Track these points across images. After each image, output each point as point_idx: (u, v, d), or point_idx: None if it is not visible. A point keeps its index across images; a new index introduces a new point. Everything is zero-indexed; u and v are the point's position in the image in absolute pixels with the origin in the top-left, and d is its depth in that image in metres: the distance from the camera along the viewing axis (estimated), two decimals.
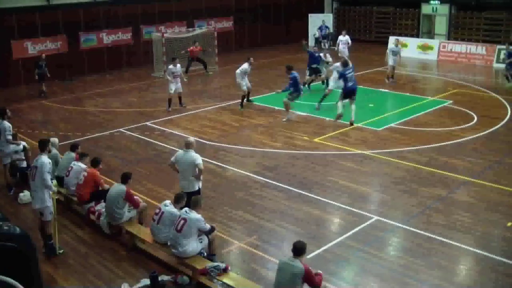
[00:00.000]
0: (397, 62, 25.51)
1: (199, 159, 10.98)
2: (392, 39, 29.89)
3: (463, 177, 13.99)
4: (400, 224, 11.54)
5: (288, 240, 9.91)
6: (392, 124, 18.66)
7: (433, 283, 9.41)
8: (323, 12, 40.05)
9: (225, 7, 35.23)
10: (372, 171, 14.84)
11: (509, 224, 11.42)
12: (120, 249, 10.92)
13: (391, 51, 25.38)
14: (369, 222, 11.65)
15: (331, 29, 37.83)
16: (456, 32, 34.32)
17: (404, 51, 32.43)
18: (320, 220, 11.98)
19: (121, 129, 18.88)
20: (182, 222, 9.43)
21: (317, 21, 37.81)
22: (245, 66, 21.60)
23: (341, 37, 29.03)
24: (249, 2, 36.51)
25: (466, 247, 10.57)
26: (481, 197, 12.85)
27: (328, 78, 22.61)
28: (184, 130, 18.46)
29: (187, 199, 10.73)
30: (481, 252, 10.36)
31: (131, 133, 18.48)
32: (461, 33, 33.96)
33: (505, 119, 18.98)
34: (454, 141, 16.76)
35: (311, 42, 37.89)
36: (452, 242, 10.69)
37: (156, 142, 17.44)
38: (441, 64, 30.93)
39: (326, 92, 20.93)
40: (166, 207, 10.11)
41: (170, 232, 9.78)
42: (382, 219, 11.76)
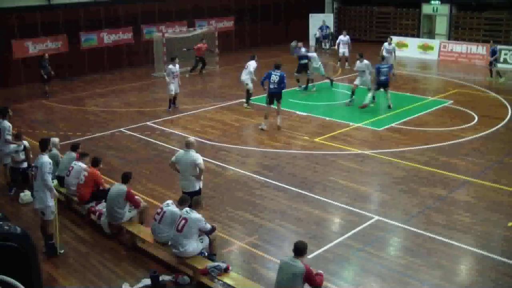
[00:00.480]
0: (391, 61, 25.59)
1: (200, 159, 10.98)
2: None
3: (463, 177, 13.99)
4: (401, 224, 11.55)
5: (289, 240, 9.93)
6: (393, 124, 18.67)
7: (434, 283, 9.42)
8: (324, 12, 40.05)
9: (226, 7, 35.23)
10: (373, 171, 14.85)
11: (510, 224, 11.43)
12: (121, 249, 10.92)
13: (385, 50, 25.79)
14: (370, 222, 11.65)
15: (332, 29, 37.82)
16: (457, 32, 34.33)
17: (405, 51, 32.57)
18: (321, 220, 11.99)
19: (122, 129, 18.88)
20: (183, 222, 9.43)
21: (318, 21, 37.79)
22: (255, 64, 21.69)
23: (342, 37, 29.10)
24: (250, 2, 36.51)
25: (466, 247, 10.58)
26: (481, 197, 12.86)
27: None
28: (185, 130, 18.46)
29: None
30: (481, 252, 10.37)
31: (132, 133, 18.49)
32: (462, 33, 33.98)
33: (506, 119, 18.99)
34: (455, 141, 16.77)
35: (312, 42, 37.91)
36: (452, 242, 10.70)
37: (157, 142, 17.45)
38: (442, 64, 30.93)
39: (353, 87, 21.66)
40: (168, 207, 10.12)
41: (171, 232, 9.79)
42: (383, 219, 11.76)
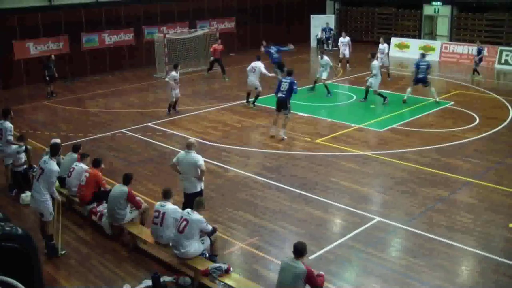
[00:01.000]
0: (386, 60, 26.57)
1: (201, 160, 10.97)
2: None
3: (465, 178, 13.98)
4: (402, 225, 11.54)
5: (290, 241, 9.90)
6: (394, 125, 18.66)
7: (435, 284, 9.40)
8: (325, 13, 40.08)
9: (227, 8, 35.24)
10: (374, 172, 14.84)
11: (511, 225, 11.41)
12: (122, 250, 10.92)
13: (379, 50, 26.52)
14: (371, 223, 11.64)
15: (334, 31, 37.86)
16: (458, 33, 34.34)
17: (406, 52, 32.63)
18: (322, 221, 11.98)
19: (123, 130, 18.89)
20: (184, 223, 9.42)
21: (319, 22, 37.84)
22: (262, 64, 21.75)
23: (342, 39, 29.27)
24: (251, 3, 36.54)
25: (468, 248, 10.57)
26: (483, 198, 12.85)
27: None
28: (186, 131, 18.46)
29: (189, 200, 10.75)
30: (483, 253, 10.36)
31: (133, 134, 18.49)
32: (463, 34, 33.97)
33: (507, 120, 18.99)
34: (456, 142, 16.75)
35: (313, 43, 37.93)
36: (454, 243, 10.69)
37: (158, 143, 17.45)
38: (443, 65, 30.91)
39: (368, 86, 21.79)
40: (165, 207, 10.08)
41: (172, 232, 9.79)
42: (384, 220, 11.75)
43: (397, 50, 33.63)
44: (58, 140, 13.78)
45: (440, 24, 35.78)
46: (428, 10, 35.83)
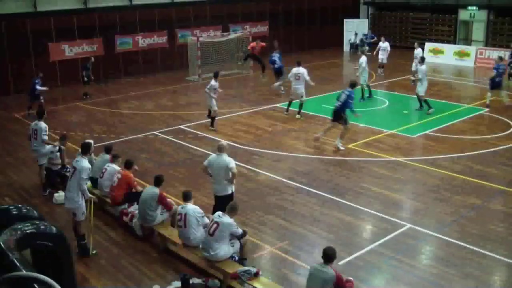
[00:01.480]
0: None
1: (233, 163, 10.99)
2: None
3: (499, 186, 13.77)
4: (433, 233, 11.40)
5: (320, 246, 9.86)
6: (427, 131, 18.47)
7: None
8: (358, 17, 39.88)
9: (260, 12, 35.32)
10: (406, 178, 14.70)
11: None
12: (152, 251, 11.00)
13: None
14: (402, 230, 11.53)
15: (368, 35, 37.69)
16: (494, 39, 33.84)
17: (440, 58, 32.25)
18: (352, 227, 11.91)
19: (155, 132, 19.04)
20: (215, 226, 9.45)
21: (352, 26, 37.69)
22: (305, 70, 20.87)
23: (381, 44, 28.54)
24: (284, 7, 36.55)
25: (500, 258, 10.39)
26: None
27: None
28: (218, 134, 18.51)
29: (220, 203, 10.78)
30: None
31: (165, 136, 18.63)
32: (500, 40, 33.46)
33: None
34: (490, 150, 16.50)
35: (346, 47, 37.78)
36: (486, 252, 10.52)
37: (190, 145, 17.55)
38: (478, 71, 30.49)
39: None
40: (185, 208, 10.14)
41: (199, 232, 9.86)
42: (415, 227, 11.63)
43: (432, 56, 33.26)
44: (91, 141, 13.98)
45: (476, 29, 35.29)
46: (464, 15, 35.39)
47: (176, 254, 10.74)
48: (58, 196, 13.29)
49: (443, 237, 11.19)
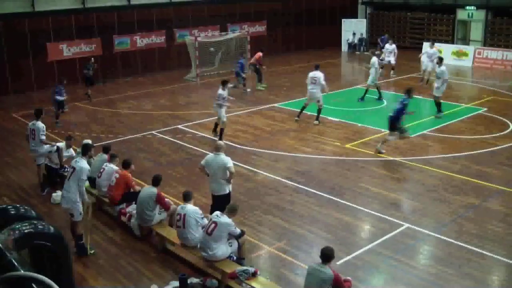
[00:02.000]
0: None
1: (230, 163, 10.99)
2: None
3: (497, 186, 13.78)
4: (432, 233, 11.40)
5: (318, 246, 9.87)
6: (425, 131, 18.48)
7: None
8: (357, 17, 39.90)
9: (259, 11, 35.32)
10: (404, 178, 14.71)
11: None
12: (150, 251, 11.00)
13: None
14: (400, 230, 11.53)
15: (365, 35, 37.67)
16: (492, 39, 33.87)
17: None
18: (351, 227, 11.91)
19: (153, 132, 19.03)
20: (213, 226, 9.45)
21: (351, 26, 37.72)
22: (322, 74, 19.86)
23: (388, 46, 28.09)
24: (283, 7, 36.54)
25: (499, 258, 10.39)
26: None
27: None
28: (216, 134, 18.48)
29: (217, 202, 10.81)
30: None
31: (163, 136, 18.62)
32: (498, 40, 33.50)
33: None
34: (488, 149, 16.51)
35: (344, 47, 37.82)
36: (485, 252, 10.52)
37: (188, 145, 17.54)
38: (476, 71, 30.52)
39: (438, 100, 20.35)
40: (184, 209, 10.14)
41: (198, 232, 9.84)
42: (413, 227, 11.63)
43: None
44: (90, 141, 13.98)
45: (474, 29, 35.32)
46: (462, 15, 35.40)
47: (174, 254, 10.73)
48: (56, 196, 13.28)
49: (442, 237, 11.19)
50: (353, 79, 29.42)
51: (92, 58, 24.73)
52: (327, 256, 7.76)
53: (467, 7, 34.64)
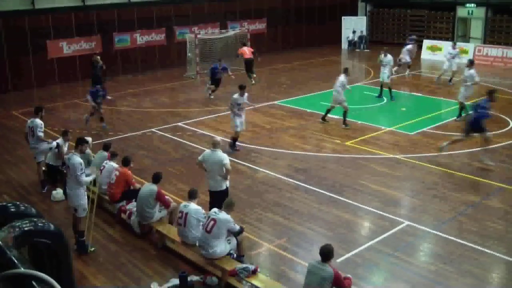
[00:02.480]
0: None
1: (227, 159, 11.00)
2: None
3: (497, 183, 13.77)
4: (431, 230, 11.40)
5: (318, 243, 9.86)
6: (425, 129, 18.47)
7: None
8: (357, 15, 39.88)
9: (258, 9, 35.30)
10: (404, 176, 14.70)
11: None
12: (150, 248, 11.00)
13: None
14: (400, 227, 11.53)
15: (365, 33, 37.63)
16: (492, 36, 33.85)
17: (438, 55, 32.20)
18: (351, 224, 11.91)
19: (153, 129, 19.03)
20: (212, 223, 9.44)
21: (351, 24, 37.69)
22: (344, 79, 19.09)
23: (409, 47, 27.65)
24: (283, 4, 36.54)
25: (498, 255, 10.39)
26: None
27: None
28: (216, 131, 18.50)
29: (215, 198, 10.81)
30: None
31: (163, 133, 18.62)
32: (497, 37, 33.48)
33: None
34: (488, 147, 16.47)
35: (344, 45, 37.79)
36: (485, 250, 10.52)
37: (188, 143, 17.54)
38: (476, 68, 30.38)
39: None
40: (187, 207, 10.13)
41: (198, 232, 9.83)
42: (413, 224, 11.63)
43: (430, 53, 33.28)
44: (89, 139, 13.97)
45: (474, 27, 35.32)
46: (462, 12, 35.38)
47: (175, 252, 10.73)
48: (56, 194, 13.29)
49: (442, 234, 11.19)
50: (354, 77, 29.35)
51: (98, 56, 24.08)
52: (326, 255, 7.73)
53: (467, 5, 34.63)
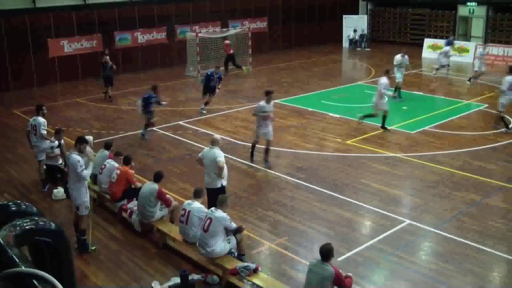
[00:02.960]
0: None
1: (221, 157, 11.00)
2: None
3: (498, 182, 13.76)
4: (433, 229, 11.40)
5: (319, 242, 9.86)
6: (426, 127, 18.46)
7: None
8: (358, 13, 39.86)
9: (259, 8, 35.30)
10: (405, 174, 14.69)
11: None
12: (151, 247, 11.00)
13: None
14: (401, 226, 11.53)
15: (366, 31, 37.59)
16: (494, 35, 33.81)
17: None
18: (352, 223, 11.90)
19: (154, 128, 19.00)
20: (208, 222, 9.45)
21: (352, 22, 37.66)
22: (385, 81, 18.19)
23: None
24: (283, 3, 36.52)
25: (500, 254, 10.38)
26: None
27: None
28: (217, 130, 18.46)
29: (211, 196, 10.81)
30: None
31: (164, 132, 18.62)
32: (499, 36, 33.43)
33: None
34: (489, 146, 16.51)
35: (345, 44, 37.77)
36: (486, 249, 10.52)
37: (189, 142, 17.53)
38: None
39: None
40: (191, 205, 10.14)
41: (199, 231, 9.82)
42: (414, 223, 11.63)
43: (431, 52, 33.22)
44: (90, 137, 13.97)
45: (475, 25, 35.28)
46: (463, 11, 35.36)
47: (176, 250, 10.73)
48: (57, 192, 13.30)
49: (443, 233, 11.19)
50: (355, 76, 29.39)
51: (107, 57, 23.74)
52: (326, 255, 7.70)
53: (468, 3, 34.61)
